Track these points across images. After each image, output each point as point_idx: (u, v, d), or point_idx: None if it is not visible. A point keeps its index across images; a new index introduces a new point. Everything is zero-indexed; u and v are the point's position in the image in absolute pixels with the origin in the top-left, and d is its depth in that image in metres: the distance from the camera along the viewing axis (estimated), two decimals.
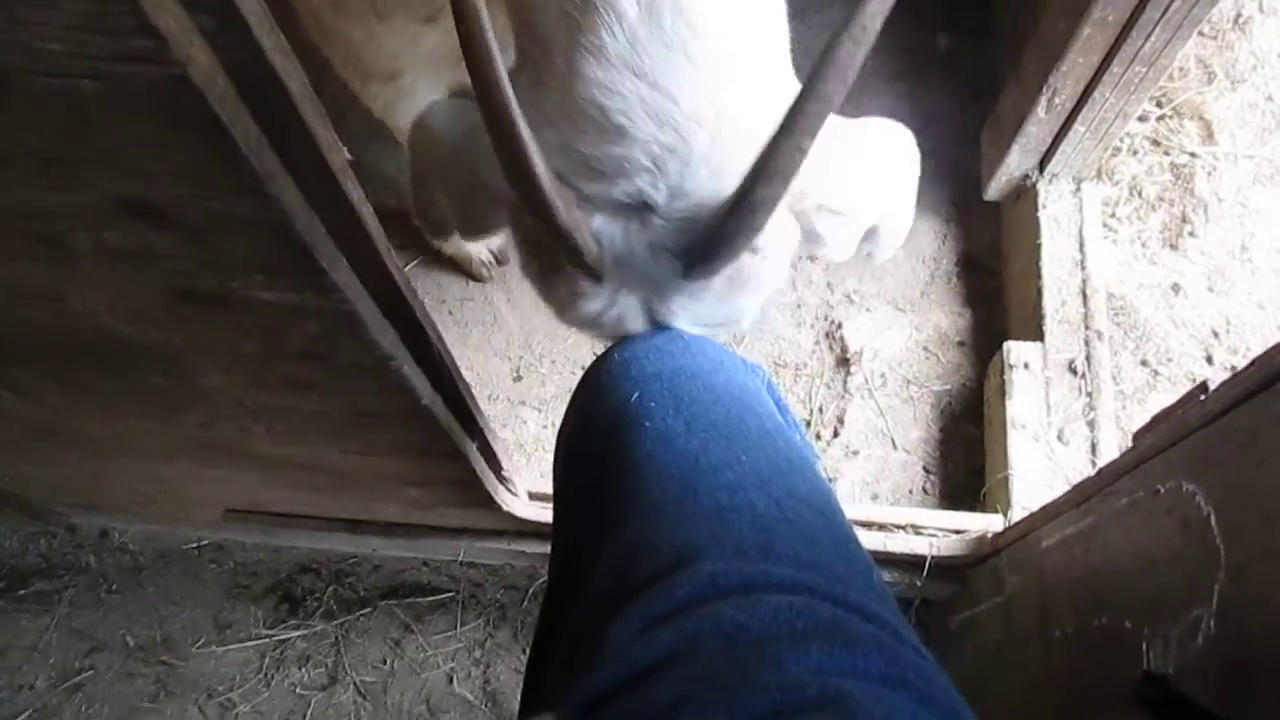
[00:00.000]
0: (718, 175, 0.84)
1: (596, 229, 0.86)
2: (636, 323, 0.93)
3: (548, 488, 1.50)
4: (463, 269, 1.99)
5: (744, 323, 0.98)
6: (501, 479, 1.33)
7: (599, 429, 0.85)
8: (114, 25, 0.45)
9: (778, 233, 0.91)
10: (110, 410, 1.06)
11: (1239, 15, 2.02)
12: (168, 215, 0.62)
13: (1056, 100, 1.55)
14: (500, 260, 1.97)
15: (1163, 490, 0.86)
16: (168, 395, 0.99)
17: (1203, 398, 0.82)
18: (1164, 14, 1.32)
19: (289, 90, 0.59)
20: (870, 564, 0.73)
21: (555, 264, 0.90)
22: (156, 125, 0.53)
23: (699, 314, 0.92)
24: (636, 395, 0.83)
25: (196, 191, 0.59)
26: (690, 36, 0.81)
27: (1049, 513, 1.14)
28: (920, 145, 2.13)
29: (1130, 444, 0.99)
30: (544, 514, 1.46)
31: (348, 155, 0.71)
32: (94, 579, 1.80)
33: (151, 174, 0.58)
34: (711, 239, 0.82)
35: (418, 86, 1.32)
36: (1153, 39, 1.37)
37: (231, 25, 0.53)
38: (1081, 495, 1.05)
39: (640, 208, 0.86)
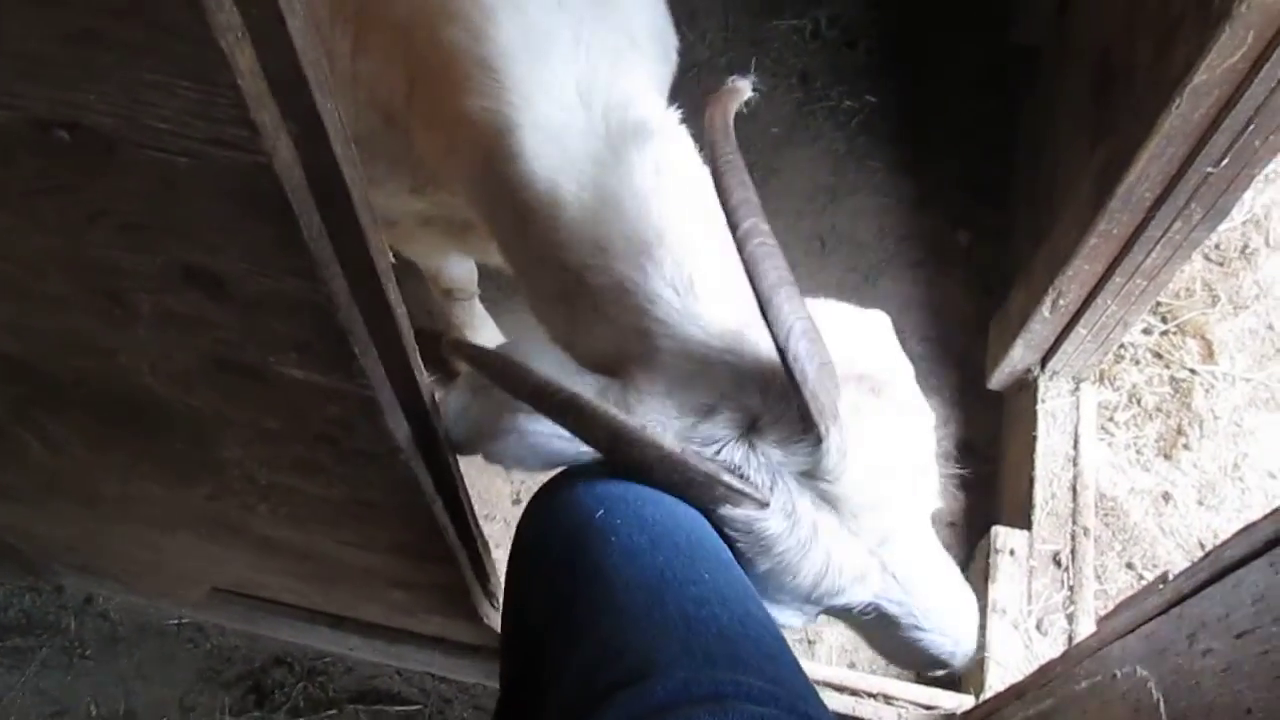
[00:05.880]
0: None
1: (728, 465, 0.90)
2: (832, 532, 0.91)
3: None
4: None
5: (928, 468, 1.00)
6: (487, 592, 1.35)
7: (563, 541, 0.88)
8: (218, 114, 0.52)
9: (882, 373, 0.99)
10: (127, 471, 1.11)
11: (1246, 246, 2.12)
12: (226, 286, 0.69)
13: (1061, 302, 1.63)
14: None
15: (1119, 675, 0.89)
16: (185, 462, 1.04)
17: (1162, 587, 0.86)
18: (1164, 234, 1.41)
19: (352, 195, 0.67)
20: (813, 685, 0.77)
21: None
22: (233, 204, 0.60)
23: (864, 473, 0.91)
24: (601, 512, 0.86)
25: (255, 267, 0.66)
26: (718, 285, 0.97)
27: (1015, 692, 1.16)
28: (931, 330, 2.22)
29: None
30: None
31: (393, 259, 0.79)
32: (70, 642, 1.81)
33: (219, 247, 0.65)
34: (800, 393, 0.85)
35: (414, 233, 1.43)
36: (1153, 255, 1.46)
37: (315, 133, 0.61)
38: (1046, 676, 1.07)
39: (748, 426, 0.91)
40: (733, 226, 0.86)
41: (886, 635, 1.03)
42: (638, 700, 0.68)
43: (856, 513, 0.92)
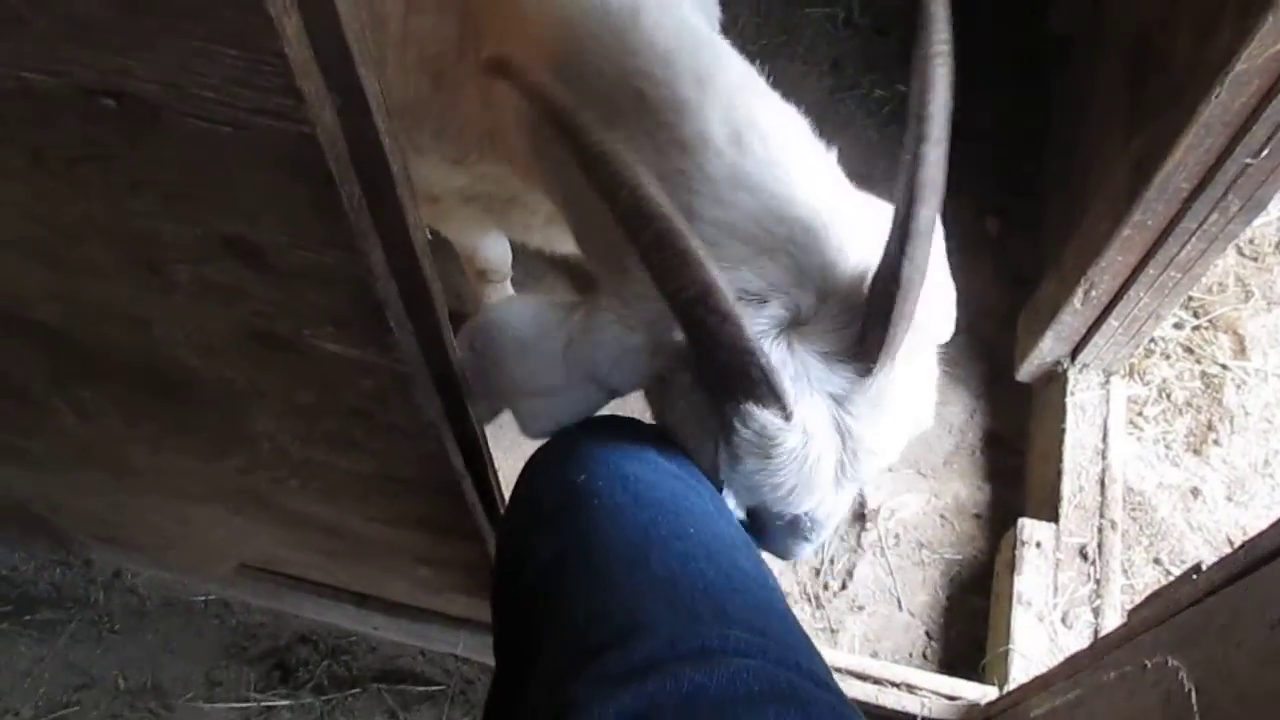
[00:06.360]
0: (853, 266, 0.87)
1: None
2: (829, 460, 0.87)
3: None
4: None
5: (923, 422, 0.96)
6: None
7: (547, 509, 0.87)
8: (263, 83, 0.53)
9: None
10: (159, 442, 1.12)
11: None
12: (264, 257, 0.69)
13: (1093, 293, 1.62)
14: None
15: (1149, 665, 0.88)
16: (217, 435, 1.05)
17: (1195, 577, 0.85)
18: (1200, 225, 1.40)
19: (392, 169, 0.67)
20: (806, 635, 0.76)
21: (723, 423, 0.85)
22: (276, 174, 0.60)
23: (887, 422, 0.89)
24: (583, 476, 0.85)
25: (295, 238, 0.67)
26: (779, 147, 0.90)
27: (1041, 683, 1.15)
28: (959, 321, 2.20)
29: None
30: None
31: (429, 235, 0.79)
32: (99, 615, 1.83)
33: (259, 217, 0.66)
34: (878, 325, 0.82)
35: (456, 211, 1.42)
36: (1188, 247, 1.45)
37: (356, 105, 0.61)
38: (1074, 667, 1.06)
39: (791, 324, 0.86)
40: (920, 135, 0.78)
41: (768, 530, 0.98)
42: (622, 659, 0.67)
43: (857, 452, 0.88)
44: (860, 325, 0.84)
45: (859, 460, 0.89)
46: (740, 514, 0.96)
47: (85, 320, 0.88)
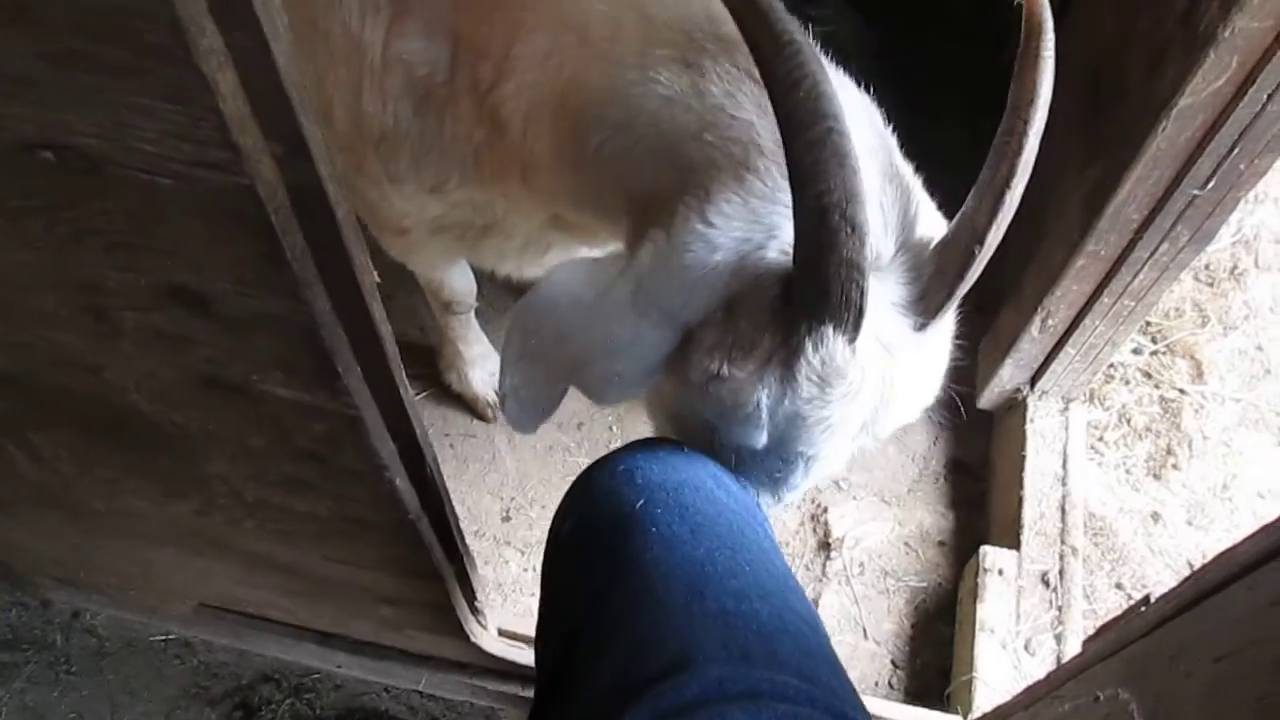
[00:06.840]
0: (923, 230, 0.91)
1: None
2: (869, 406, 0.89)
3: (520, 627, 1.53)
4: (469, 406, 2.05)
5: (928, 400, 1.00)
6: (474, 609, 1.35)
7: (601, 532, 0.86)
8: (201, 136, 0.53)
9: None
10: (114, 486, 1.11)
11: (1235, 267, 2.13)
12: (210, 306, 0.69)
13: (1050, 322, 1.64)
14: None
15: (1101, 697, 0.89)
16: (172, 478, 1.04)
17: (1143, 610, 0.86)
18: (1151, 255, 1.42)
19: (335, 214, 0.67)
20: (852, 683, 0.76)
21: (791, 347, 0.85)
22: (217, 224, 0.60)
23: (918, 383, 0.93)
24: (641, 502, 0.84)
25: (239, 287, 0.67)
26: (865, 108, 0.98)
27: (1000, 713, 1.16)
28: None
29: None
30: (511, 652, 1.47)
31: (377, 279, 0.79)
32: (57, 657, 1.80)
33: (203, 266, 0.66)
34: (944, 284, 0.87)
35: (426, 244, 1.42)
36: (1141, 277, 1.47)
37: (298, 153, 0.61)
38: (1031, 698, 1.07)
39: (871, 268, 0.87)
40: (1027, 118, 0.89)
41: (752, 473, 0.99)
42: (672, 695, 0.67)
43: (889, 404, 0.90)
44: (921, 284, 0.89)
45: (887, 413, 0.92)
46: (760, 441, 0.95)
47: (35, 367, 0.87)
